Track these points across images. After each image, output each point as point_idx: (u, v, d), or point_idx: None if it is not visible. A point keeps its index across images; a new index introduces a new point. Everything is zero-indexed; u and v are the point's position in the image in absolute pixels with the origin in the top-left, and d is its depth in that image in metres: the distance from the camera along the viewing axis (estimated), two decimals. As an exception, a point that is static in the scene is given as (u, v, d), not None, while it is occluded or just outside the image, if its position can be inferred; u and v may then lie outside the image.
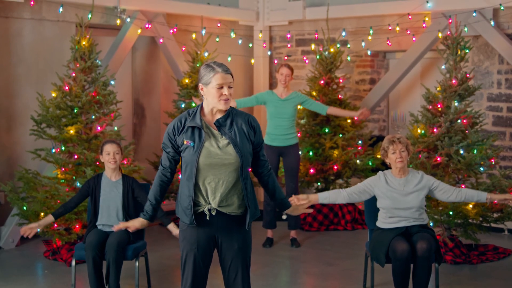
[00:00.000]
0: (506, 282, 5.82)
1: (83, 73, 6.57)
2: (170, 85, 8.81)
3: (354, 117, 7.49)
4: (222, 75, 3.63)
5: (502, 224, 6.90)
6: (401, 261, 4.81)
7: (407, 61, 8.28)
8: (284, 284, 5.83)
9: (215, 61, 3.74)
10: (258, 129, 3.79)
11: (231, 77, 3.68)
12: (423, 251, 4.80)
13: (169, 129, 3.74)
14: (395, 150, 4.93)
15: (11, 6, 7.19)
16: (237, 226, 3.75)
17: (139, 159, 8.57)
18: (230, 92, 3.65)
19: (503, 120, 7.87)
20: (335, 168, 7.83)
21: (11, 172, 7.14)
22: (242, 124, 3.71)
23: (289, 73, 6.88)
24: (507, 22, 7.67)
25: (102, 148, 5.34)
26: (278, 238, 7.27)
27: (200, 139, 3.65)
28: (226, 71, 3.65)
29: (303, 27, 9.45)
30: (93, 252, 5.02)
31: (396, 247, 4.84)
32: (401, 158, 4.91)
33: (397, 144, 4.93)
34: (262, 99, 6.96)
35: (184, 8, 8.40)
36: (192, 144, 3.65)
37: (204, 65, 3.71)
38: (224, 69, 3.65)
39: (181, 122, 3.71)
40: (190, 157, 3.66)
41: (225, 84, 3.63)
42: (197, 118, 3.68)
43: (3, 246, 6.82)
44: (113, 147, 5.30)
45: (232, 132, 3.67)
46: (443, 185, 4.98)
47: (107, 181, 5.32)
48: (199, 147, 3.64)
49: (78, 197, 5.32)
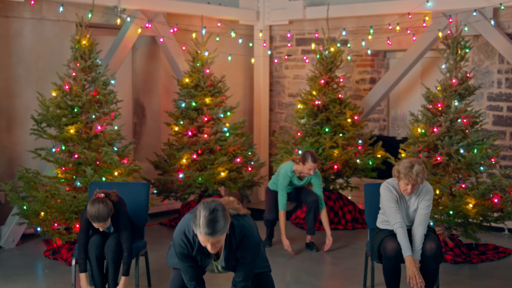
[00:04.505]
0: (507, 281, 5.82)
1: (83, 72, 6.57)
2: (170, 84, 8.81)
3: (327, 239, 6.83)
4: (204, 238, 3.41)
5: (502, 224, 6.91)
6: (390, 259, 4.81)
7: (407, 61, 8.28)
8: (284, 284, 5.83)
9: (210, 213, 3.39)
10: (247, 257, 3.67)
11: (218, 237, 3.41)
12: (432, 251, 4.80)
13: (181, 249, 3.61)
14: (407, 184, 4.75)
15: (11, 6, 7.19)
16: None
17: (139, 159, 8.57)
18: (216, 246, 3.46)
19: (503, 119, 7.87)
20: (335, 167, 7.83)
21: (11, 171, 7.15)
22: (235, 255, 3.68)
23: (317, 166, 6.69)
24: (507, 21, 7.67)
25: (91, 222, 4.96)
26: (278, 238, 7.26)
27: (205, 264, 3.74)
28: (211, 234, 3.38)
29: (303, 27, 9.45)
30: (97, 252, 5.03)
31: (386, 245, 4.85)
32: (410, 193, 4.81)
33: (413, 180, 4.70)
34: (287, 182, 6.73)
35: (184, 8, 8.40)
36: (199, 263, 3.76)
37: (197, 210, 3.44)
38: (209, 232, 3.38)
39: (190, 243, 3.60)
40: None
41: (209, 243, 3.44)
42: (205, 248, 3.60)
43: (3, 246, 6.82)
44: (99, 225, 4.92)
45: (228, 263, 3.71)
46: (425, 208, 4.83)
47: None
48: (204, 265, 3.78)
49: (85, 233, 5.08)
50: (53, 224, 6.38)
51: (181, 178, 7.58)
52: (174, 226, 7.80)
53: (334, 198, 7.97)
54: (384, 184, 4.95)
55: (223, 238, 3.48)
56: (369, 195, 5.50)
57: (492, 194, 6.32)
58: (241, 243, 3.60)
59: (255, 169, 7.98)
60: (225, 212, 3.45)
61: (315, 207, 6.79)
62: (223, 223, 3.42)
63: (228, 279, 5.58)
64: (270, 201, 6.97)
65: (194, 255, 3.60)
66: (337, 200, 7.98)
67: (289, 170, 6.69)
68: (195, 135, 7.83)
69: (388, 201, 4.87)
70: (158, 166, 7.89)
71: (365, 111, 8.55)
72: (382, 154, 7.99)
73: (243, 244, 3.60)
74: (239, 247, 3.61)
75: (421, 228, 4.82)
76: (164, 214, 8.46)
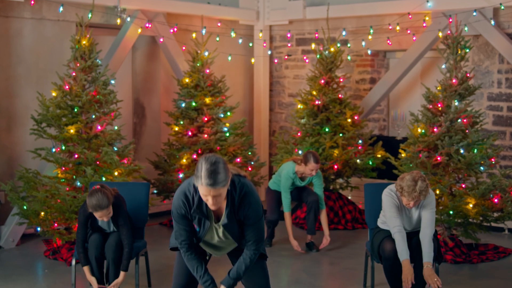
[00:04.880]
0: (507, 281, 5.82)
1: (83, 72, 6.57)
2: (170, 84, 8.81)
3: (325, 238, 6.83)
4: (205, 189, 3.41)
5: (502, 224, 6.91)
6: (389, 260, 4.83)
7: (407, 61, 8.28)
8: (284, 284, 5.83)
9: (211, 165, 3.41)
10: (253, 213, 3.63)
11: (220, 189, 3.42)
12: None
13: (178, 209, 3.61)
14: (410, 200, 4.73)
15: (12, 6, 7.19)
16: None
17: (139, 159, 8.57)
18: (217, 199, 3.46)
19: (503, 119, 7.87)
20: (335, 167, 7.83)
21: (11, 171, 7.15)
22: (237, 214, 3.64)
23: (319, 167, 6.69)
24: (507, 21, 7.67)
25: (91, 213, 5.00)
26: (278, 238, 7.26)
27: (204, 228, 3.68)
28: (213, 185, 3.39)
29: (303, 27, 9.45)
30: (97, 252, 5.04)
31: (384, 247, 4.86)
32: (412, 207, 4.80)
33: (416, 197, 4.67)
34: (290, 184, 6.71)
35: (184, 8, 8.40)
36: (198, 229, 3.70)
37: (199, 163, 3.44)
38: (210, 183, 3.39)
39: (188, 201, 3.59)
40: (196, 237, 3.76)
41: (210, 196, 3.44)
42: (203, 207, 3.60)
43: (3, 246, 6.82)
44: (103, 213, 4.94)
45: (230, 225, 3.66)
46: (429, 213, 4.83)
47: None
48: (203, 234, 3.71)
49: (83, 229, 5.11)
50: (53, 224, 6.39)
51: (181, 178, 7.58)
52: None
53: (334, 198, 7.97)
54: (387, 191, 4.92)
55: (224, 192, 3.47)
56: (369, 195, 5.51)
57: (492, 194, 6.32)
58: (242, 200, 3.58)
59: (255, 169, 7.98)
60: (226, 166, 3.47)
61: (316, 207, 6.79)
62: (224, 175, 3.42)
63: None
64: (272, 201, 6.96)
65: (192, 213, 3.59)
66: (337, 200, 7.98)
67: (291, 172, 6.68)
68: (195, 135, 7.83)
69: (389, 206, 4.86)
70: (158, 166, 7.88)
71: (365, 111, 8.55)
72: (382, 154, 7.99)
73: (245, 202, 3.59)
74: (241, 205, 3.59)
75: (428, 231, 4.78)
76: (164, 214, 8.46)
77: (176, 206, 3.62)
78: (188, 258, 3.70)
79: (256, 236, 3.67)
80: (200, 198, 3.56)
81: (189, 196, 3.58)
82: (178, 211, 3.62)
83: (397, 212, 4.83)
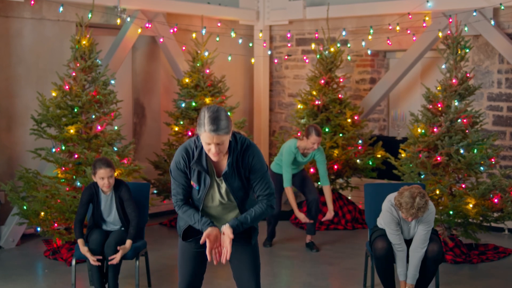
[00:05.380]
0: (507, 281, 5.82)
1: (83, 72, 6.57)
2: (170, 84, 8.81)
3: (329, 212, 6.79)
4: (208, 136, 3.42)
5: (502, 224, 6.91)
6: (380, 259, 4.88)
7: (407, 61, 8.28)
8: (284, 284, 5.83)
9: (213, 112, 3.46)
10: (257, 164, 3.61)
11: (223, 135, 3.44)
12: (434, 253, 4.84)
13: (178, 163, 3.61)
14: (408, 216, 4.74)
15: (11, 6, 7.19)
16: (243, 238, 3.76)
17: (139, 159, 8.57)
18: (220, 148, 3.46)
19: (503, 119, 7.87)
20: (335, 167, 7.83)
21: (11, 171, 7.15)
22: (240, 167, 3.61)
23: (320, 140, 6.63)
24: (507, 21, 7.67)
25: (95, 170, 5.18)
26: (278, 238, 7.27)
27: (205, 185, 3.62)
28: (215, 131, 3.41)
29: (303, 27, 9.45)
30: (97, 251, 5.04)
31: (376, 245, 4.92)
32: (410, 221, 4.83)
33: (415, 215, 4.69)
34: (292, 158, 6.63)
35: (184, 8, 8.40)
36: (197, 188, 3.65)
37: (201, 112, 3.49)
38: (214, 129, 3.41)
39: (188, 155, 3.59)
40: (196, 200, 3.68)
41: (213, 143, 3.44)
42: (203, 160, 3.58)
43: (3, 246, 6.82)
44: (107, 172, 5.13)
45: (232, 178, 3.61)
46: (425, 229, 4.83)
47: (102, 195, 5.27)
48: (203, 192, 3.64)
49: (84, 208, 5.23)
50: (53, 224, 6.39)
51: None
52: (174, 226, 7.81)
53: (334, 198, 7.96)
54: (387, 205, 4.92)
55: (226, 141, 3.48)
56: (369, 195, 5.51)
57: (492, 194, 6.32)
58: (245, 152, 3.59)
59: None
60: (228, 115, 3.50)
61: (316, 207, 6.79)
62: (226, 122, 3.45)
63: (228, 279, 5.58)
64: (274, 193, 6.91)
65: (191, 165, 3.57)
66: (337, 200, 7.98)
67: (293, 146, 6.63)
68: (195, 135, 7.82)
69: (389, 222, 4.90)
70: (158, 166, 7.88)
71: (365, 111, 8.55)
72: (382, 154, 7.99)
73: (248, 153, 3.58)
74: (244, 157, 3.58)
75: (419, 253, 4.84)
76: (164, 214, 8.46)
77: (175, 160, 3.62)
78: (183, 211, 3.65)
79: (266, 188, 3.63)
80: (200, 152, 3.57)
81: (189, 150, 3.59)
82: (177, 165, 3.61)
83: (396, 227, 4.88)
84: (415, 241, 4.87)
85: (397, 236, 4.88)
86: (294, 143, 6.65)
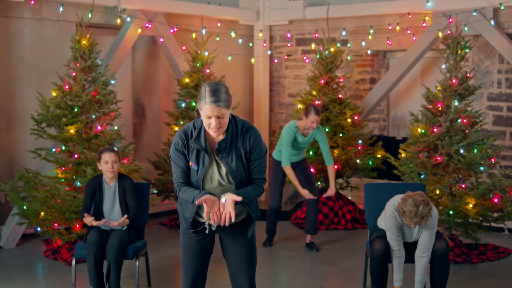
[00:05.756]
0: (507, 281, 5.82)
1: (83, 72, 6.57)
2: (170, 84, 8.81)
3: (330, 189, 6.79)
4: (209, 107, 3.45)
5: (502, 224, 6.91)
6: (376, 260, 4.89)
7: (407, 61, 8.28)
8: (284, 284, 5.83)
9: (214, 86, 3.51)
10: (257, 146, 3.63)
11: (223, 108, 3.47)
12: (443, 250, 4.85)
13: (176, 145, 3.63)
14: (411, 224, 4.74)
15: (11, 6, 7.19)
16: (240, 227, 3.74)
17: (139, 159, 8.57)
18: (221, 122, 3.49)
19: (503, 119, 7.87)
20: (335, 167, 7.82)
21: (11, 171, 7.15)
22: (240, 147, 3.61)
23: (319, 119, 6.62)
24: (507, 21, 7.67)
25: (100, 156, 5.31)
26: (278, 238, 7.27)
27: (204, 164, 3.61)
28: (216, 102, 3.45)
29: (303, 27, 9.45)
30: (95, 250, 5.03)
31: (374, 246, 4.93)
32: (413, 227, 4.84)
33: (418, 223, 4.69)
34: (292, 138, 6.61)
35: (184, 8, 8.40)
36: (196, 168, 3.63)
37: (202, 86, 3.53)
38: (214, 100, 3.44)
39: (186, 136, 3.61)
40: (194, 181, 3.65)
41: (214, 116, 3.47)
42: (201, 138, 3.59)
43: (3, 246, 6.82)
44: (111, 156, 5.27)
45: (230, 157, 3.60)
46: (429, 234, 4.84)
47: (106, 186, 5.32)
48: (202, 172, 3.61)
49: (89, 198, 5.31)
50: (53, 224, 6.39)
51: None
52: (174, 226, 7.81)
53: (334, 198, 7.97)
54: (391, 209, 4.91)
55: (226, 116, 3.51)
56: (369, 195, 5.51)
57: (492, 194, 6.32)
58: (246, 133, 3.62)
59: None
60: (228, 90, 3.55)
61: (316, 207, 6.78)
62: (226, 96, 3.50)
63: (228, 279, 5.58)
64: (274, 187, 6.87)
65: (189, 144, 3.59)
66: (337, 200, 7.98)
67: (293, 126, 6.62)
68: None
69: (391, 228, 4.91)
70: (158, 166, 7.89)
71: (365, 111, 8.55)
72: (382, 154, 7.99)
73: (248, 134, 3.61)
74: (245, 137, 3.60)
75: (424, 259, 4.86)
76: (164, 214, 8.46)
77: (174, 142, 3.64)
78: (183, 191, 3.62)
79: (262, 172, 3.67)
80: (199, 131, 3.58)
81: (188, 132, 3.62)
82: (175, 146, 3.63)
83: (397, 233, 4.89)
84: (420, 246, 4.87)
85: (397, 242, 4.89)
86: (294, 123, 6.66)
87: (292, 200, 9.22)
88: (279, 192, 6.88)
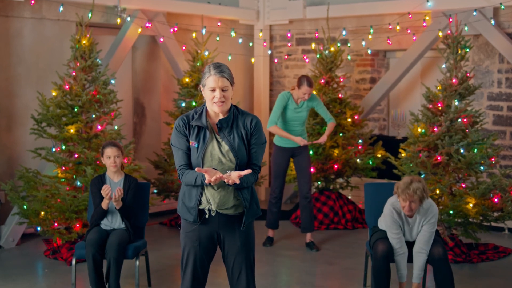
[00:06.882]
0: (507, 281, 5.82)
1: (84, 72, 6.57)
2: (170, 84, 8.81)
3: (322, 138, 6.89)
4: (214, 78, 3.58)
5: (502, 223, 6.92)
6: (379, 261, 4.88)
7: (407, 60, 8.28)
8: (284, 284, 5.83)
9: (217, 63, 3.67)
10: (258, 131, 3.71)
11: (227, 80, 3.60)
12: (440, 254, 4.84)
13: (177, 127, 3.70)
14: (405, 200, 4.77)
15: (12, 5, 7.19)
16: (239, 224, 3.75)
17: (139, 158, 8.57)
18: (224, 95, 3.59)
19: (503, 119, 7.87)
20: (335, 167, 7.83)
21: (11, 171, 7.15)
22: (241, 128, 3.67)
23: (312, 91, 6.70)
24: (508, 21, 7.67)
25: (103, 150, 5.33)
26: (278, 237, 7.27)
27: (204, 140, 3.65)
28: (220, 73, 3.59)
29: (303, 26, 9.45)
30: (94, 250, 5.03)
31: (377, 247, 4.92)
32: (410, 211, 4.82)
33: (410, 196, 4.72)
34: (284, 103, 6.69)
35: (184, 7, 8.39)
36: (196, 146, 3.66)
37: (206, 66, 3.65)
38: (218, 71, 3.59)
39: (188, 117, 3.70)
40: (195, 160, 3.67)
41: (218, 87, 3.58)
42: (203, 118, 3.67)
43: (4, 245, 6.82)
44: (114, 151, 5.29)
45: (231, 136, 3.65)
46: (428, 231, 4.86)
47: (110, 182, 5.33)
48: (202, 149, 3.64)
49: (98, 199, 5.27)
50: (53, 224, 6.39)
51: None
52: (174, 226, 7.81)
53: (334, 197, 7.97)
54: (389, 207, 4.94)
55: (229, 91, 3.62)
56: (369, 195, 5.51)
57: (492, 194, 6.32)
58: (247, 116, 3.71)
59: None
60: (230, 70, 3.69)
61: (309, 204, 6.79)
62: (229, 71, 3.65)
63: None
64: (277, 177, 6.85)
65: (190, 124, 3.66)
66: (337, 200, 7.98)
67: (287, 92, 6.77)
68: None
69: (390, 226, 4.91)
70: (158, 166, 7.89)
71: (365, 111, 8.55)
72: (382, 153, 7.99)
73: (249, 117, 3.71)
74: (246, 120, 3.69)
75: (423, 255, 4.86)
76: (164, 214, 8.46)
77: (175, 125, 3.71)
78: (186, 174, 3.66)
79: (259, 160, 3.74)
80: (201, 113, 3.67)
81: (189, 115, 3.71)
82: (176, 128, 3.70)
83: (397, 231, 4.89)
84: (418, 242, 4.87)
85: (398, 239, 4.88)
86: (287, 91, 6.81)
87: (292, 200, 9.22)
88: (281, 183, 6.86)
